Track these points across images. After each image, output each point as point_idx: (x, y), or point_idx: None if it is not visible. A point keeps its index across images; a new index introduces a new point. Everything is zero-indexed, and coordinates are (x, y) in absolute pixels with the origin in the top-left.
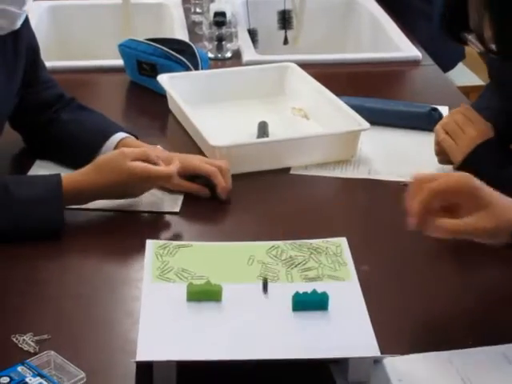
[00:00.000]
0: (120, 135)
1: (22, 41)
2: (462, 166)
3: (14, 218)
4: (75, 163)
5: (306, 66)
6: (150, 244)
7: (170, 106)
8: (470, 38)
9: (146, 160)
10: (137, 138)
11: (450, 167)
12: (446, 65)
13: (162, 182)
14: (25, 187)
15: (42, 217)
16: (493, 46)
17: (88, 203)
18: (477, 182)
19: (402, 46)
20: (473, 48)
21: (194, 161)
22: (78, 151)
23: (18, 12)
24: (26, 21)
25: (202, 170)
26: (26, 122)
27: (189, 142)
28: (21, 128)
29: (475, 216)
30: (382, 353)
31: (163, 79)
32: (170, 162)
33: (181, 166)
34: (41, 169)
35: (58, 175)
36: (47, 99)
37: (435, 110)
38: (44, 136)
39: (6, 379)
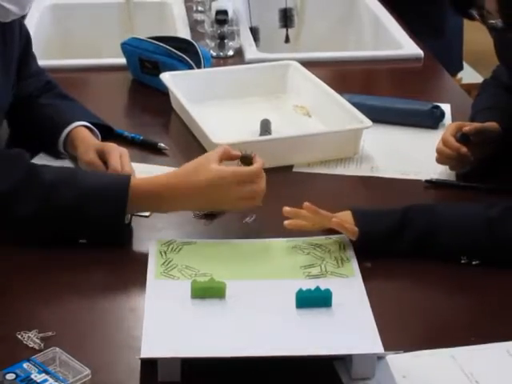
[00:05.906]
0: (74, 124)
1: (15, 32)
2: None
3: (78, 197)
4: (42, 147)
5: (307, 63)
6: (154, 241)
7: (173, 103)
8: (476, 14)
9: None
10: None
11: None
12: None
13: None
14: (92, 177)
15: (104, 207)
16: (496, 21)
17: (166, 210)
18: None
19: (403, 44)
20: (480, 23)
21: None
22: (43, 135)
23: None
24: None
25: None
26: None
27: (191, 140)
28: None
29: None
30: (385, 349)
31: (166, 77)
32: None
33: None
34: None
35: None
36: (36, 90)
37: (437, 107)
38: (23, 117)
39: (12, 376)
